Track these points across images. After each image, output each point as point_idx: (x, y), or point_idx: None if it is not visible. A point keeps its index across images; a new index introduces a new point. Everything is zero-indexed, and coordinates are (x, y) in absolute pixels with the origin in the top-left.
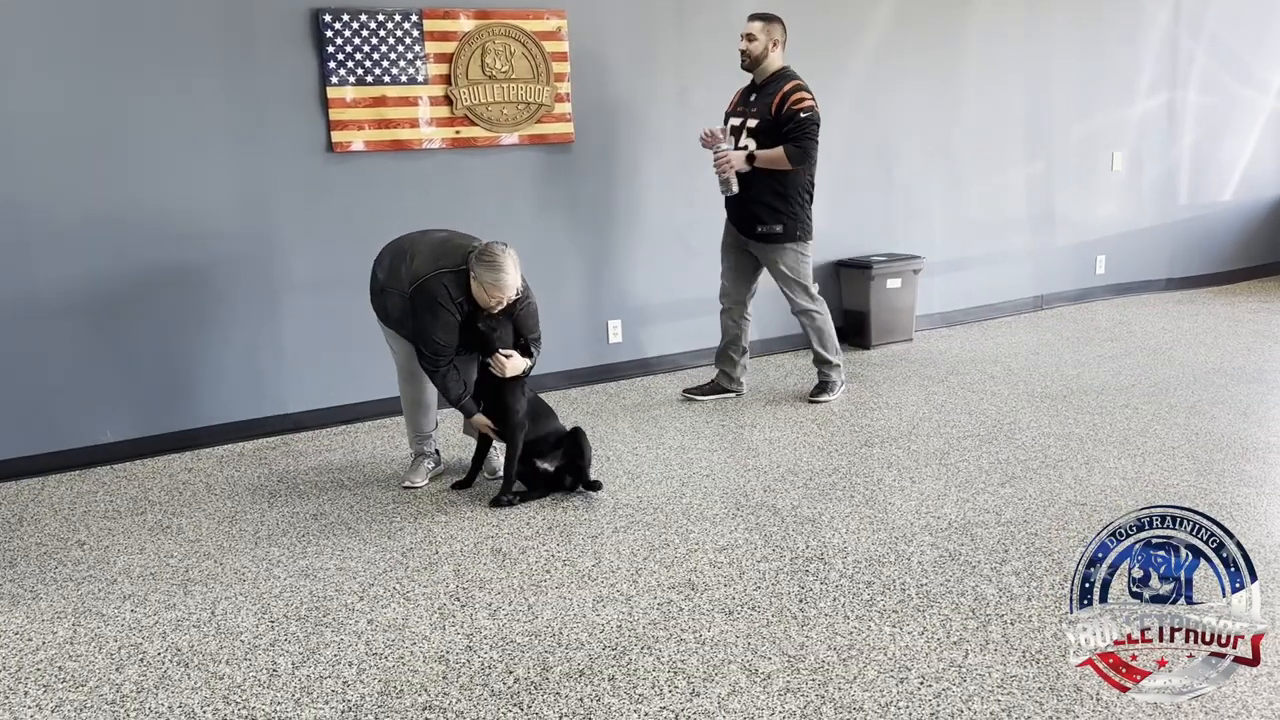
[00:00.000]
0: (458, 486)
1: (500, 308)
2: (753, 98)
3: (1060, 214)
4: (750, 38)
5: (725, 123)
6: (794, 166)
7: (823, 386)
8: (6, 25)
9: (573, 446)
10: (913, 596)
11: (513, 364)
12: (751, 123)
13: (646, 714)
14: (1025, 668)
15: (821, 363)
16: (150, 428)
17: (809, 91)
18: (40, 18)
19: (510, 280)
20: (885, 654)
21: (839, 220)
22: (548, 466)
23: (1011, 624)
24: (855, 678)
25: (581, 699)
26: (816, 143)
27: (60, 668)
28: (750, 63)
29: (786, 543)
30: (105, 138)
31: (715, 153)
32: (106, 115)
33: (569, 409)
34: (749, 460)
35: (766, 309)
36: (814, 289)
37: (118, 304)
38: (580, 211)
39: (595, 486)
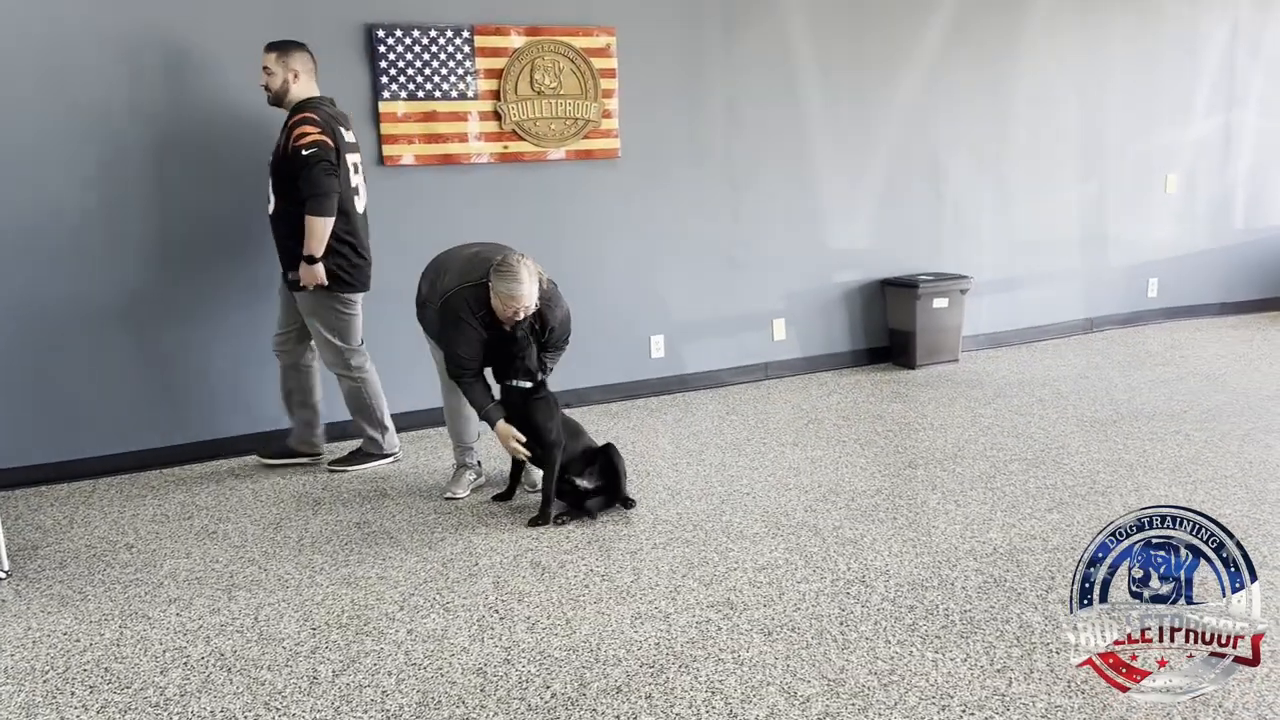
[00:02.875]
0: (499, 499)
1: (519, 318)
2: (280, 132)
3: (1112, 235)
4: (267, 71)
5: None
6: (323, 216)
7: (356, 454)
8: (69, 41)
9: (607, 465)
10: (956, 622)
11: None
12: (270, 160)
13: None
14: (1070, 698)
15: (360, 428)
16: (199, 433)
17: (316, 123)
18: (101, 31)
19: (526, 291)
20: (927, 680)
21: (885, 238)
22: (586, 484)
23: (1057, 653)
24: (896, 703)
25: (618, 716)
26: (330, 182)
27: (106, 669)
28: (273, 98)
29: (827, 564)
30: (159, 147)
31: None
32: (161, 126)
33: (609, 423)
34: (790, 479)
35: (802, 324)
36: (354, 348)
37: (170, 311)
38: (624, 226)
39: (629, 504)
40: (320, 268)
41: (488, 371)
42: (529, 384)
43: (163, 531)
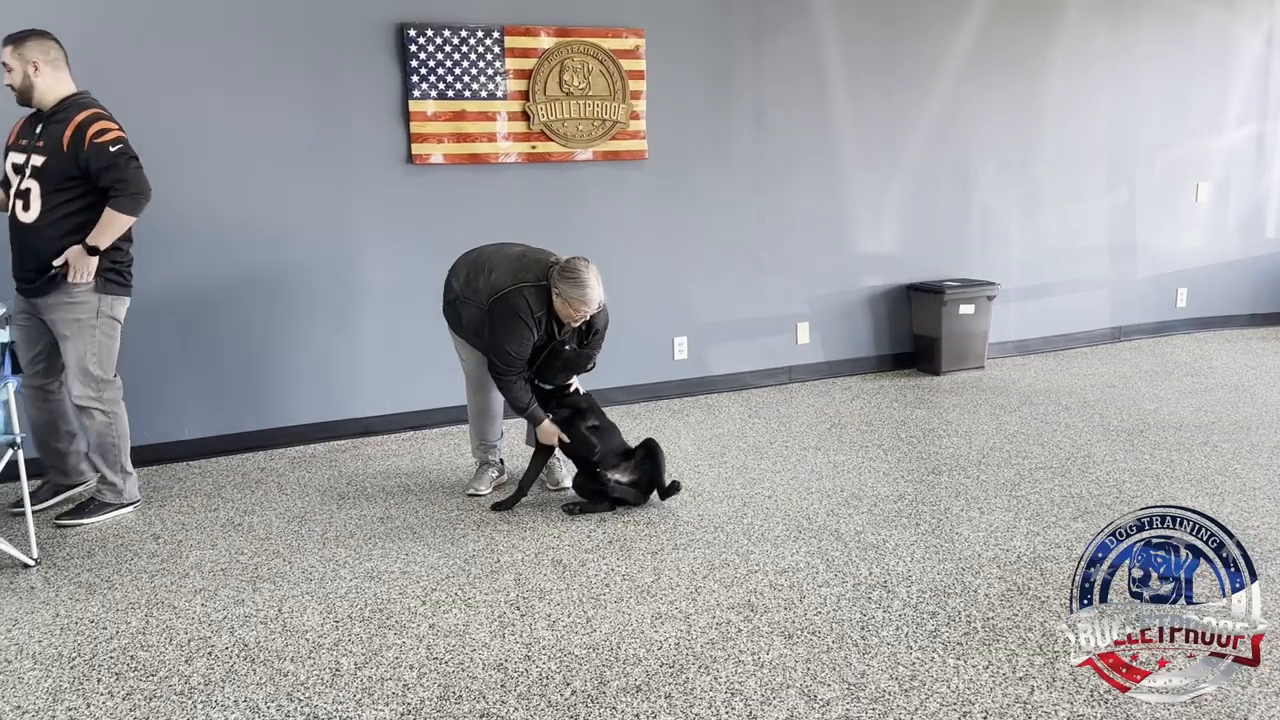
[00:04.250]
0: (498, 508)
1: (581, 321)
2: (39, 129)
3: (1141, 244)
4: (6, 68)
5: (3, 158)
6: (132, 216)
7: (88, 504)
8: (104, 39)
9: (648, 458)
10: (978, 629)
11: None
12: (37, 160)
13: None
14: (1093, 707)
15: (100, 477)
16: (227, 426)
17: (112, 119)
18: (135, 32)
19: (594, 295)
20: (948, 686)
21: (912, 243)
22: (619, 478)
23: None
24: (917, 709)
25: (638, 715)
26: (147, 180)
27: (132, 657)
28: (20, 97)
29: (849, 568)
30: (195, 145)
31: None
32: (196, 123)
33: (632, 424)
34: (812, 483)
35: (826, 328)
36: (110, 379)
37: (200, 306)
38: (650, 228)
39: (675, 488)
40: (95, 262)
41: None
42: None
43: (189, 523)
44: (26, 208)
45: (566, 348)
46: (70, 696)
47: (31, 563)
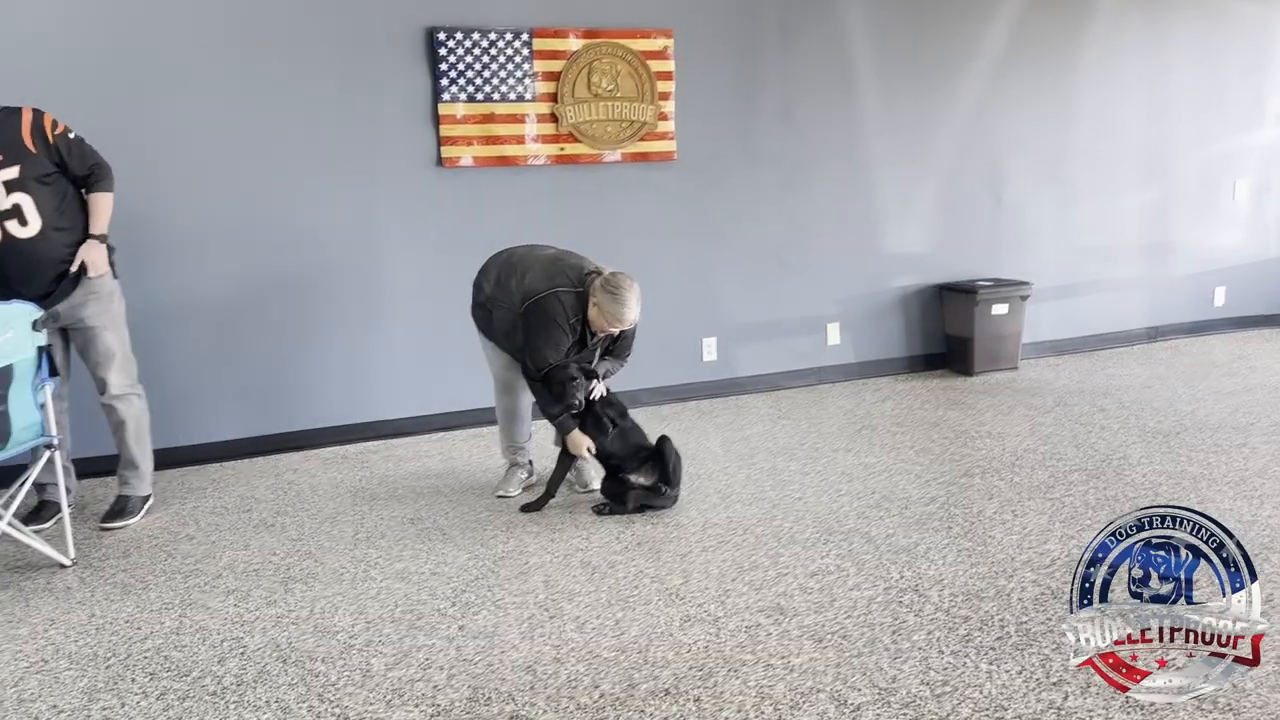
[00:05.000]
0: (527, 509)
1: (609, 331)
2: None
3: (1177, 243)
4: None
5: None
6: (112, 192)
7: (125, 504)
8: (138, 46)
9: (657, 458)
10: (1012, 634)
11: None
12: (9, 174)
13: None
14: (1129, 714)
15: (132, 468)
16: (259, 428)
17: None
18: (169, 39)
19: (631, 315)
20: (981, 691)
21: (943, 242)
22: (643, 480)
23: None
24: (949, 714)
25: (666, 718)
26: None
27: (166, 657)
28: None
29: (880, 571)
30: (228, 150)
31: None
32: (230, 128)
33: (660, 425)
34: (843, 485)
35: (856, 328)
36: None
37: (233, 309)
38: (678, 228)
39: (670, 496)
40: (105, 250)
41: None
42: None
43: (222, 524)
44: (24, 223)
45: (589, 351)
46: (105, 696)
47: (68, 563)
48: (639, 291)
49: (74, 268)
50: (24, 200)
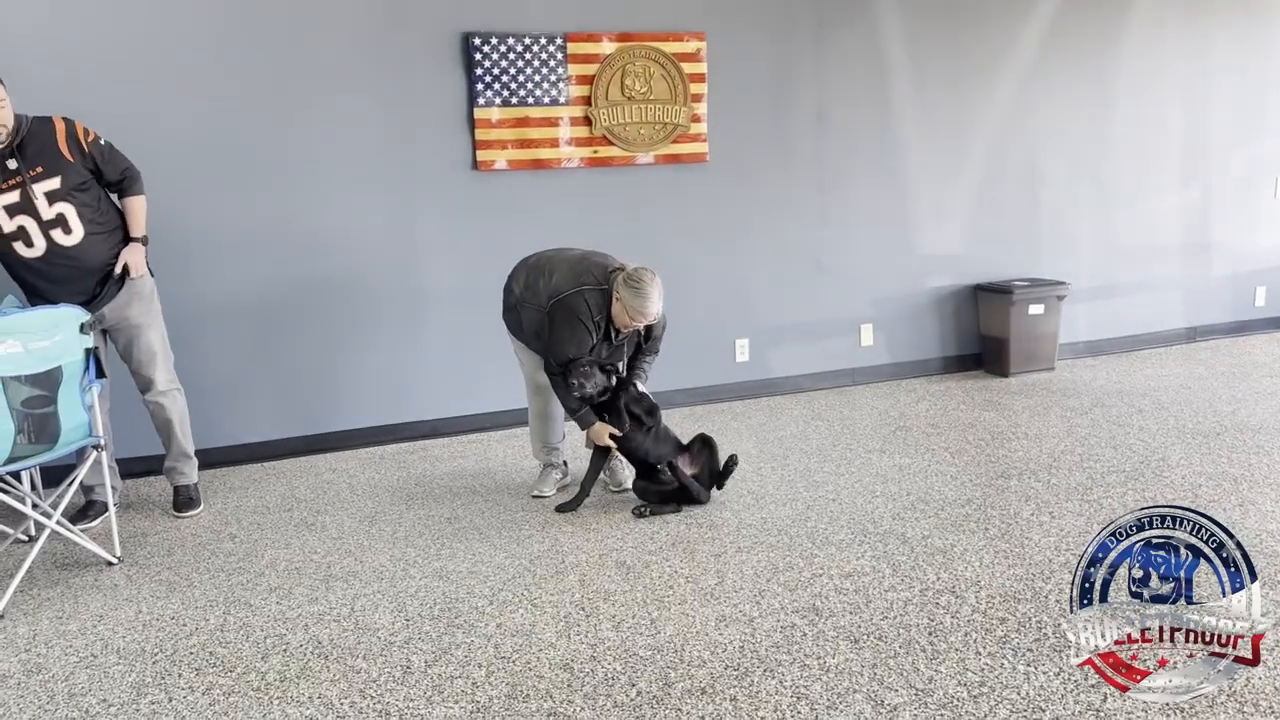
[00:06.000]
0: (562, 510)
1: (634, 328)
2: (13, 164)
3: (1217, 241)
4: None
5: None
6: (144, 194)
7: (189, 492)
8: (182, 53)
9: (705, 448)
10: (1049, 636)
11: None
12: (51, 184)
13: None
14: (1167, 716)
15: (186, 459)
16: (299, 429)
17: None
18: (209, 46)
19: (653, 309)
20: (1019, 693)
21: (978, 242)
22: (685, 469)
23: None
24: (986, 716)
25: (703, 717)
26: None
27: (211, 653)
28: (5, 134)
29: (916, 573)
30: (268, 153)
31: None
32: (270, 132)
33: (694, 426)
34: (877, 486)
35: (890, 329)
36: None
37: (272, 311)
38: (711, 229)
39: (731, 463)
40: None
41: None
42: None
43: (264, 522)
44: (68, 231)
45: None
46: (153, 691)
47: (114, 561)
48: (661, 285)
49: (117, 270)
50: (67, 209)
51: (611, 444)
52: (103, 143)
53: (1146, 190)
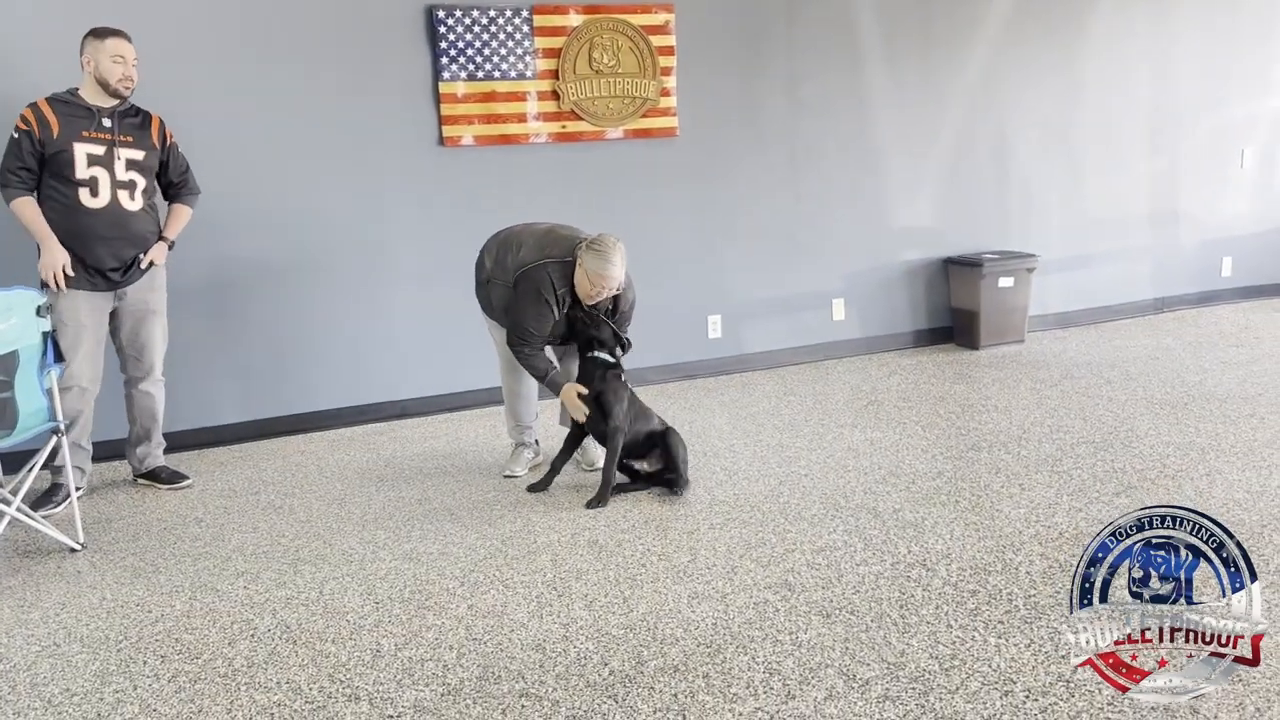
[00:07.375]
0: (533, 489)
1: (599, 298)
2: (111, 123)
3: (1184, 212)
4: (131, 62)
5: (54, 147)
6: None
7: (170, 470)
8: (136, 28)
9: (666, 450)
10: (1020, 607)
11: (579, 403)
12: (133, 154)
13: (740, 714)
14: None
15: (160, 444)
16: (265, 411)
17: None
18: (168, 22)
19: (615, 273)
20: (989, 665)
21: (950, 216)
22: (646, 467)
23: None
24: (958, 688)
25: (676, 695)
26: None
27: (177, 640)
28: (125, 92)
29: (887, 547)
30: (225, 130)
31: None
32: (227, 108)
33: (666, 403)
34: (849, 461)
35: (862, 304)
36: None
37: (235, 291)
38: (682, 205)
39: (679, 488)
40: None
41: (549, 350)
42: (611, 357)
43: (231, 506)
44: (132, 198)
45: (594, 320)
46: (117, 679)
47: (78, 547)
48: (624, 251)
49: (145, 263)
50: (138, 179)
51: (581, 405)
52: (179, 149)
53: (1115, 162)
